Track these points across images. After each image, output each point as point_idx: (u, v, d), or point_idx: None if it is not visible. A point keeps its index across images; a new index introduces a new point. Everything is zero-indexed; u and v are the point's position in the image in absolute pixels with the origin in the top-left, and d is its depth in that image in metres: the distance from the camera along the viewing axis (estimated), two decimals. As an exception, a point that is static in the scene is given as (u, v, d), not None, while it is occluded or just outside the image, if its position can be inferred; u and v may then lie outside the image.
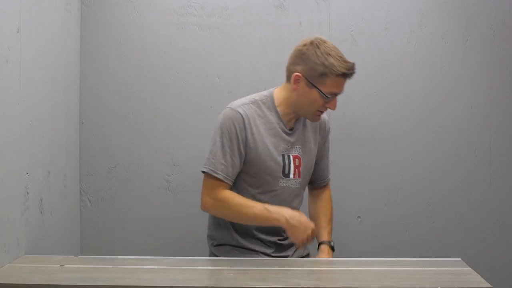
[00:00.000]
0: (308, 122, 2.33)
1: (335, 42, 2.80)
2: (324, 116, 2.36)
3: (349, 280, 1.73)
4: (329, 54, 2.18)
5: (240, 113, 2.21)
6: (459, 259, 2.02)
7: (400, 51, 2.81)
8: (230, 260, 2.14)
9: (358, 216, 2.78)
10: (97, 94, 2.80)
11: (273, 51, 2.80)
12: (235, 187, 2.25)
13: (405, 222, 2.81)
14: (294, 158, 2.28)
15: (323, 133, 2.39)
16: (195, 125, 2.81)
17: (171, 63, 2.81)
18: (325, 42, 2.22)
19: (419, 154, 2.82)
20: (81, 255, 2.72)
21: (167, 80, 2.81)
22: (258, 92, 2.35)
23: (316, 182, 2.44)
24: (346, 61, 2.19)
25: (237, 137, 2.20)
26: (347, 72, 2.19)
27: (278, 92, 2.31)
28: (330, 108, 2.23)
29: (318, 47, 2.20)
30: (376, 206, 2.82)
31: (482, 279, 1.74)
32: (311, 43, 2.22)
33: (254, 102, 2.27)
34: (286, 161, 2.26)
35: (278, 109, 2.27)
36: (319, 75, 2.18)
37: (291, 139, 2.28)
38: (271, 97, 2.30)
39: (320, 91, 2.18)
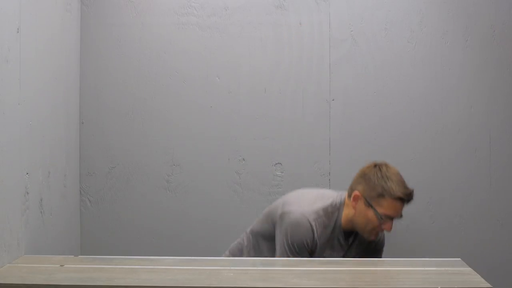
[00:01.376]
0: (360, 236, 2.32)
1: (335, 42, 2.82)
2: (381, 234, 2.35)
3: (349, 280, 1.73)
4: (389, 178, 2.21)
5: (313, 226, 2.23)
6: (459, 259, 2.02)
7: (400, 51, 2.81)
8: (230, 260, 2.14)
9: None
10: (97, 94, 2.80)
11: (273, 51, 2.80)
12: None
13: (405, 222, 2.81)
14: None
15: (375, 245, 2.35)
16: (195, 125, 2.81)
17: (171, 63, 2.81)
18: (387, 166, 2.26)
19: (419, 154, 2.82)
20: (81, 255, 2.72)
21: (167, 80, 2.81)
22: (329, 190, 2.40)
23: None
24: (405, 187, 2.21)
25: (306, 248, 2.22)
26: (405, 197, 2.20)
27: (345, 205, 2.30)
28: (385, 230, 2.24)
29: (380, 170, 2.24)
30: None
31: (482, 279, 1.74)
32: (375, 165, 2.27)
33: (326, 214, 2.27)
34: None
35: (342, 222, 2.28)
36: (377, 196, 2.21)
37: (344, 252, 2.30)
38: (340, 209, 2.29)
39: (376, 211, 2.20)
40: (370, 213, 2.22)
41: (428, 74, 2.81)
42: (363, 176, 2.27)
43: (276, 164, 2.81)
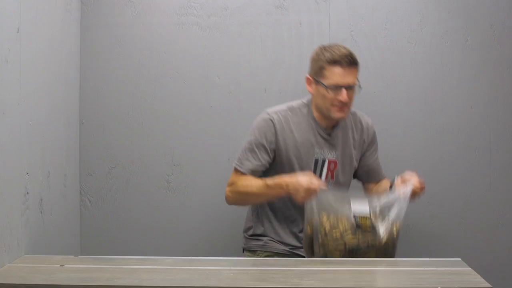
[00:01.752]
0: (348, 125, 2.43)
1: (335, 42, 2.82)
2: (368, 120, 2.50)
3: (349, 280, 1.73)
4: (326, 49, 2.31)
5: (273, 119, 2.36)
6: (459, 259, 2.02)
7: (400, 51, 2.81)
8: (230, 260, 2.14)
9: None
10: (97, 94, 2.80)
11: (273, 51, 2.80)
12: None
13: (405, 222, 2.79)
14: (330, 162, 2.38)
15: (367, 137, 2.47)
16: (195, 125, 2.81)
17: (171, 63, 2.81)
18: (329, 44, 2.34)
19: (419, 153, 2.82)
20: (81, 255, 2.72)
21: (167, 80, 2.81)
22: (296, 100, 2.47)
23: (370, 179, 2.53)
24: (339, 50, 2.28)
25: (266, 140, 2.34)
26: (340, 59, 2.27)
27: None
28: (342, 100, 2.29)
29: (320, 48, 2.35)
30: (376, 206, 2.81)
31: (482, 279, 1.74)
32: (318, 47, 2.36)
33: (292, 109, 2.40)
34: (320, 164, 2.36)
35: (315, 115, 2.38)
36: (319, 69, 2.32)
37: (328, 144, 2.38)
38: (309, 104, 2.41)
39: (323, 84, 2.29)
40: (321, 89, 2.31)
41: (428, 74, 2.81)
42: (310, 60, 2.38)
43: (276, 164, 2.81)
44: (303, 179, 2.13)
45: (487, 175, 2.82)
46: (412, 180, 2.22)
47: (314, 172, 2.35)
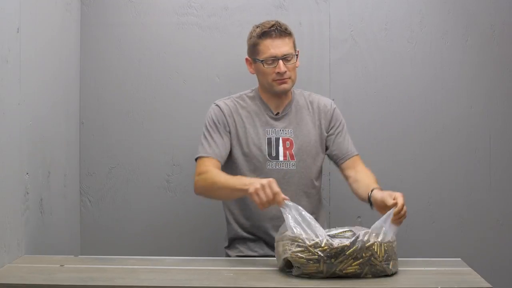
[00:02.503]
0: (303, 106, 2.41)
1: (335, 42, 2.83)
2: (326, 100, 2.45)
3: (349, 280, 1.73)
4: (257, 26, 2.34)
5: (219, 106, 2.38)
6: (459, 259, 2.02)
7: (400, 51, 2.81)
8: (230, 260, 2.14)
9: (358, 216, 2.78)
10: (97, 94, 2.80)
11: (273, 51, 2.80)
12: (231, 173, 2.31)
13: (405, 222, 2.79)
14: (284, 140, 2.35)
15: (326, 115, 2.41)
16: (195, 125, 2.80)
17: (171, 63, 2.81)
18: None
19: (419, 154, 2.82)
20: (81, 255, 2.72)
21: (167, 80, 2.81)
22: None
23: (340, 159, 2.40)
24: (268, 23, 2.31)
25: (218, 122, 2.35)
26: (267, 30, 2.29)
27: None
28: (280, 72, 2.28)
29: (253, 27, 2.37)
30: (376, 206, 2.81)
31: (482, 279, 1.74)
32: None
33: (239, 97, 2.44)
34: (273, 144, 2.35)
35: (262, 97, 2.41)
36: (253, 47, 2.34)
37: (279, 123, 2.37)
38: (257, 89, 2.44)
39: (258, 59, 2.31)
40: (259, 66, 2.32)
41: (428, 74, 2.81)
42: (246, 42, 2.39)
43: (276, 164, 2.81)
44: (264, 180, 1.99)
45: (487, 175, 2.82)
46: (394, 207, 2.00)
47: (270, 152, 2.33)
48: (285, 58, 2.29)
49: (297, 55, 2.34)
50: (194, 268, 1.90)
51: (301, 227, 1.78)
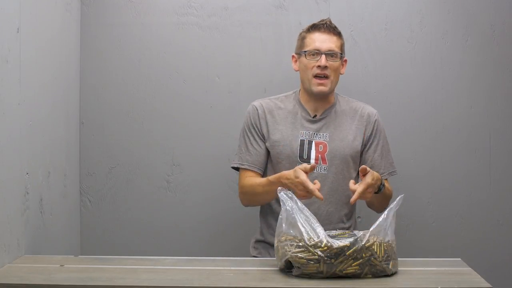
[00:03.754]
0: (346, 112, 2.40)
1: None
2: (371, 111, 2.44)
3: (349, 280, 1.73)
4: (309, 25, 2.39)
5: (255, 106, 2.41)
6: (459, 259, 2.02)
7: (400, 51, 2.81)
8: (230, 260, 2.14)
9: (358, 216, 2.78)
10: (97, 94, 2.80)
11: (273, 51, 2.80)
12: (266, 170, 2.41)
13: (405, 222, 2.81)
14: (318, 144, 2.35)
15: (368, 125, 2.40)
16: (195, 125, 2.81)
17: (171, 63, 2.81)
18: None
19: (419, 154, 2.82)
20: (81, 255, 2.72)
21: (167, 80, 2.81)
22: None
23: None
24: (320, 19, 2.37)
25: (253, 127, 2.40)
26: (317, 24, 2.34)
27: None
28: (321, 66, 2.30)
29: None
30: (376, 206, 2.81)
31: (482, 279, 1.74)
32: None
33: (277, 98, 2.46)
34: (306, 146, 2.35)
35: (301, 99, 2.41)
36: (301, 42, 2.39)
37: (315, 126, 2.37)
38: (297, 91, 2.46)
39: (303, 52, 2.34)
40: (303, 59, 2.35)
41: (428, 74, 2.81)
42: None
43: (276, 164, 2.81)
44: (296, 172, 2.10)
45: (487, 175, 2.82)
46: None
47: (301, 154, 2.33)
48: (329, 54, 2.31)
49: (343, 60, 2.38)
50: (194, 268, 1.90)
51: (302, 226, 1.78)
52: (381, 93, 2.81)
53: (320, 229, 1.77)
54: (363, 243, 1.75)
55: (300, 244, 1.74)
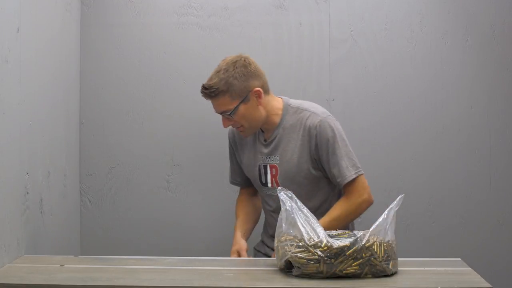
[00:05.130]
0: (293, 126, 2.27)
1: (335, 42, 2.83)
2: (314, 120, 2.24)
3: (349, 280, 1.73)
4: None
5: (231, 128, 2.41)
6: (459, 259, 2.02)
7: (400, 51, 2.81)
8: (230, 260, 2.14)
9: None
10: (97, 94, 2.80)
11: (273, 51, 2.80)
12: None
13: (405, 222, 2.81)
14: (271, 167, 2.32)
15: (311, 139, 2.24)
16: (195, 125, 2.81)
17: (171, 63, 2.81)
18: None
19: (419, 154, 2.82)
20: (81, 255, 2.72)
21: (167, 80, 2.81)
22: None
23: (337, 185, 2.28)
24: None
25: (231, 147, 2.45)
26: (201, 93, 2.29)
27: None
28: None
29: None
30: (377, 206, 2.80)
31: (482, 279, 1.74)
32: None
33: None
34: (262, 171, 2.34)
35: None
36: None
37: (267, 149, 2.32)
38: None
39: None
40: None
41: (428, 74, 2.81)
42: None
43: (276, 164, 2.81)
44: (233, 247, 2.34)
45: (487, 175, 2.82)
46: None
47: (260, 178, 2.33)
48: (223, 114, 2.26)
49: (248, 99, 2.23)
50: (194, 268, 1.90)
51: (302, 226, 1.78)
52: (381, 93, 2.81)
53: (320, 229, 1.77)
54: (363, 243, 1.75)
55: (300, 244, 1.74)
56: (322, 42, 2.81)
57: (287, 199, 1.81)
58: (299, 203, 1.82)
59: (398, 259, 1.85)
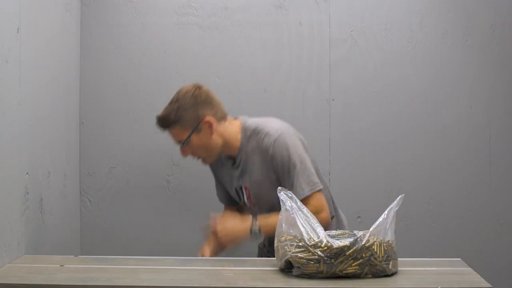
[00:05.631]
0: (252, 149, 2.24)
1: (335, 42, 2.83)
2: (267, 143, 2.20)
3: (349, 280, 1.73)
4: None
5: None
6: (459, 259, 2.02)
7: (400, 51, 2.81)
8: (230, 260, 2.14)
9: (358, 216, 2.78)
10: (97, 94, 2.80)
11: (273, 51, 2.80)
12: None
13: (405, 222, 2.81)
14: (246, 188, 2.30)
15: (270, 161, 2.20)
16: (195, 125, 2.80)
17: (171, 63, 2.81)
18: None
19: (419, 154, 2.82)
20: (81, 255, 2.72)
21: (167, 80, 2.81)
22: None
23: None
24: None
25: (211, 170, 2.46)
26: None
27: None
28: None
29: None
30: (377, 206, 2.79)
31: (482, 279, 1.74)
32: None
33: None
34: (240, 193, 2.34)
35: None
36: None
37: (237, 172, 2.30)
38: None
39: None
40: None
41: (428, 74, 2.81)
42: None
43: (276, 164, 2.81)
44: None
45: (487, 175, 2.82)
46: None
47: (239, 199, 2.35)
48: (179, 144, 2.28)
49: (200, 129, 2.23)
50: (194, 268, 1.90)
51: (302, 226, 1.78)
52: (381, 93, 2.81)
53: (320, 229, 1.77)
54: (363, 243, 1.75)
55: (300, 244, 1.74)
56: (322, 42, 2.81)
57: (287, 199, 1.81)
58: (299, 203, 1.82)
59: (398, 259, 1.85)
